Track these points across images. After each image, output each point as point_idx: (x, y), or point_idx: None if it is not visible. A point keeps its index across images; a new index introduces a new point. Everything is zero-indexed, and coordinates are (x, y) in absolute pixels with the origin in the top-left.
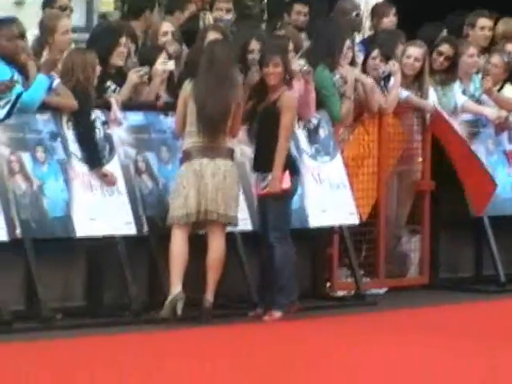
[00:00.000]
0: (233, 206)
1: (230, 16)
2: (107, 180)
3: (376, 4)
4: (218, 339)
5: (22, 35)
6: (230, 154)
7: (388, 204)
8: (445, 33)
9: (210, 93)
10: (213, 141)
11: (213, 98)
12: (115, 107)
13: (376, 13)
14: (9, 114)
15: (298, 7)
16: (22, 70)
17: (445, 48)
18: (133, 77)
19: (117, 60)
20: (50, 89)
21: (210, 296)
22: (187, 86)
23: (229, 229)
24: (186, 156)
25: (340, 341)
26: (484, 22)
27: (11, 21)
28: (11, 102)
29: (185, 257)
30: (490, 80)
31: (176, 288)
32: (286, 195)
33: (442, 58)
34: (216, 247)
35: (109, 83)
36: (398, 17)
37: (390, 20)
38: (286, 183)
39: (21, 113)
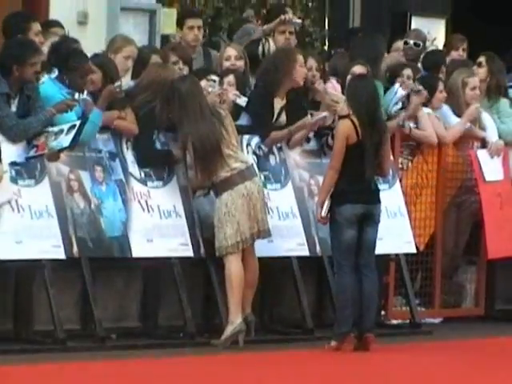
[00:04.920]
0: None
1: (293, 38)
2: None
3: (450, 36)
4: (272, 364)
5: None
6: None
7: (446, 234)
8: None
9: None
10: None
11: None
12: None
13: (447, 45)
14: (74, 141)
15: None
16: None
17: None
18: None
19: None
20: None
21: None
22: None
23: (285, 254)
24: (228, 184)
25: (395, 368)
26: None
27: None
28: (76, 129)
29: (243, 283)
30: None
31: (237, 318)
32: (330, 223)
33: None
34: (256, 265)
35: None
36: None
37: (458, 54)
38: (324, 211)
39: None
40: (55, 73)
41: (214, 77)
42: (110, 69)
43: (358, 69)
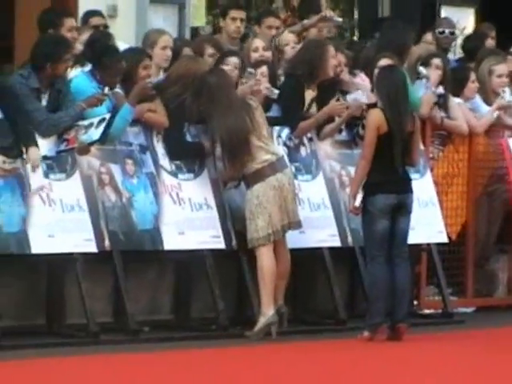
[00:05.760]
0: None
1: (326, 30)
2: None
3: (479, 25)
4: (305, 353)
5: None
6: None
7: (478, 223)
8: None
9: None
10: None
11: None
12: None
13: (476, 33)
14: (104, 134)
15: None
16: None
17: None
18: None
19: None
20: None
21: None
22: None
23: (317, 245)
24: (259, 176)
25: (427, 358)
26: None
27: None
28: (106, 122)
29: (275, 274)
30: None
31: (270, 310)
32: (362, 214)
33: None
34: (288, 256)
35: None
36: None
37: (487, 42)
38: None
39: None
40: (88, 66)
41: (250, 69)
42: None
43: (385, 62)
